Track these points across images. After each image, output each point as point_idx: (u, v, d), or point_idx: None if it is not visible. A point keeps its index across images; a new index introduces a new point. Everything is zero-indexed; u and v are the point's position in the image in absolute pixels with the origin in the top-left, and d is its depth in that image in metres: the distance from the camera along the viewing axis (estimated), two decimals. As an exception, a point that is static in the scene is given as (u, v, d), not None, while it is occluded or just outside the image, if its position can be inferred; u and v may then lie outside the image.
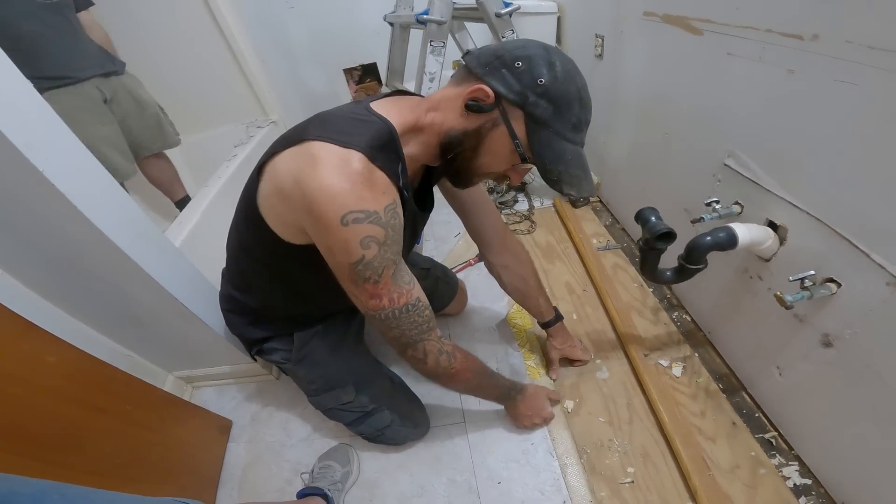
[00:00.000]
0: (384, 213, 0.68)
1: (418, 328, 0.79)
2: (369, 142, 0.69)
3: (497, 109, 0.71)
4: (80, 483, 0.88)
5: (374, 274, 0.71)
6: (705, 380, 1.17)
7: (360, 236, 0.67)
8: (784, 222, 0.88)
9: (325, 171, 0.65)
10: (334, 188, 0.64)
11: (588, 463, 1.06)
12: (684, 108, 1.19)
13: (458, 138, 0.74)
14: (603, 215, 1.88)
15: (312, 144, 0.68)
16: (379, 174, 0.69)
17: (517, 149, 0.72)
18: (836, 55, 0.71)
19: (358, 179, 0.65)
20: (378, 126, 0.72)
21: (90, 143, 1.66)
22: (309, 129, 0.70)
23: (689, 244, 0.90)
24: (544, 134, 0.71)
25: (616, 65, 1.57)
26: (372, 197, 0.67)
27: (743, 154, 0.98)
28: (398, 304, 0.75)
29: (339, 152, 0.66)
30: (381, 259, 0.70)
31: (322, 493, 1.05)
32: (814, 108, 0.78)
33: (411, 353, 0.82)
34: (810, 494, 0.94)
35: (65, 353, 0.96)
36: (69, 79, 1.63)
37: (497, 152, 0.75)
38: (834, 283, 0.80)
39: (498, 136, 0.72)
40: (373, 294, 0.73)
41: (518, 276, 1.17)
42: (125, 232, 0.95)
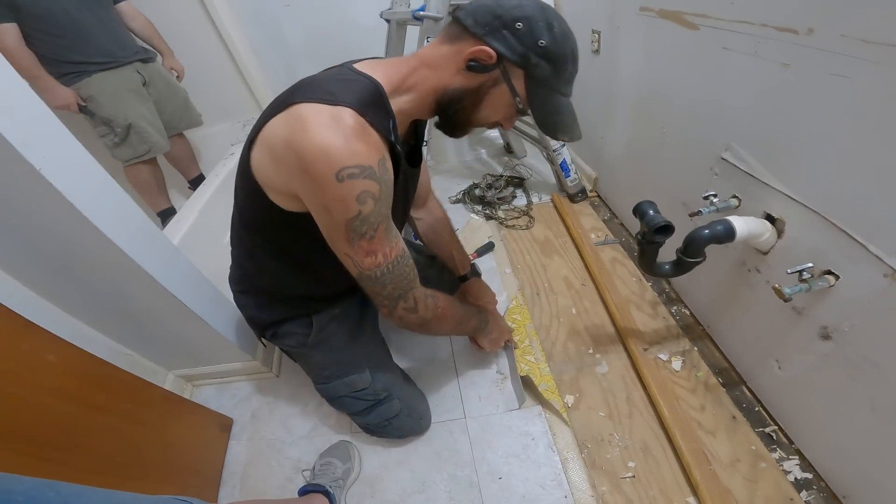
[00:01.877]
0: (378, 167, 0.69)
1: (406, 278, 0.82)
2: (358, 98, 0.69)
3: (498, 69, 0.73)
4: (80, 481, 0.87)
5: (371, 229, 0.72)
6: (705, 374, 1.17)
7: (357, 191, 0.67)
8: (781, 215, 0.89)
9: (316, 130, 0.64)
10: (327, 145, 0.64)
11: (589, 457, 1.07)
12: (681, 103, 1.19)
13: (457, 96, 0.77)
14: (601, 210, 1.88)
15: (300, 107, 0.67)
16: (370, 129, 0.69)
17: (517, 104, 0.77)
18: (830, 49, 0.71)
19: (351, 134, 0.65)
20: (365, 84, 0.72)
21: (134, 120, 1.84)
22: (295, 94, 0.70)
23: (687, 237, 0.90)
24: (543, 90, 0.75)
25: (612, 60, 1.57)
26: (366, 151, 0.67)
27: (740, 147, 0.98)
28: (391, 259, 0.77)
29: (329, 110, 0.66)
30: (376, 214, 0.71)
31: (324, 490, 1.05)
32: (809, 102, 0.78)
33: (403, 305, 0.84)
34: (811, 488, 0.94)
35: (64, 352, 0.95)
36: (113, 62, 1.81)
37: (496, 107, 0.78)
38: (832, 275, 0.80)
39: (498, 93, 0.76)
40: (368, 251, 0.74)
41: (430, 227, 1.25)
42: (123, 229, 0.94)
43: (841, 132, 0.74)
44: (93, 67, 1.75)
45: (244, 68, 2.33)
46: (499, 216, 1.92)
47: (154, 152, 1.95)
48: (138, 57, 1.92)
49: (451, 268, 1.31)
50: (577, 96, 0.82)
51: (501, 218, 1.91)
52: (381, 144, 0.71)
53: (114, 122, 1.80)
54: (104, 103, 1.79)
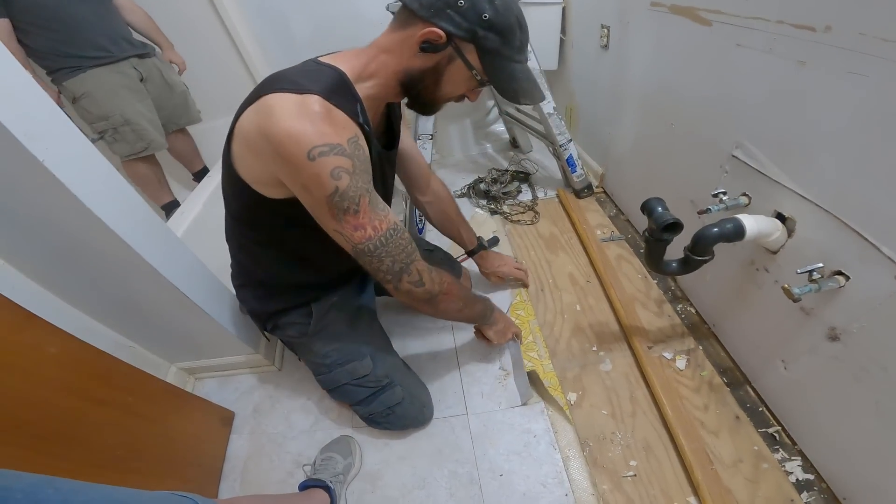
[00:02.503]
0: (347, 145, 0.73)
1: (405, 251, 0.84)
2: (323, 86, 0.73)
3: (450, 47, 0.77)
4: (81, 475, 0.88)
5: (353, 203, 0.75)
6: (709, 373, 1.16)
7: (329, 168, 0.70)
8: (792, 214, 0.87)
9: (285, 116, 0.69)
10: (296, 128, 0.68)
11: (590, 456, 1.06)
12: (691, 100, 1.18)
13: (417, 76, 0.81)
14: (607, 206, 1.86)
15: (269, 97, 0.71)
16: (337, 112, 0.73)
17: (475, 76, 0.81)
18: (848, 47, 0.70)
19: (317, 117, 0.70)
20: (330, 73, 0.77)
21: (131, 117, 1.79)
22: (264, 87, 0.74)
23: (696, 235, 0.88)
24: (497, 60, 0.79)
25: (622, 55, 1.55)
26: (333, 131, 0.71)
27: (751, 145, 0.96)
28: (382, 231, 0.80)
29: (296, 98, 0.70)
30: (354, 188, 0.74)
31: (324, 486, 1.05)
32: (825, 100, 0.77)
33: (407, 279, 0.86)
34: (812, 490, 0.93)
35: (65, 344, 0.95)
36: (108, 57, 1.77)
37: (456, 81, 0.82)
38: (842, 275, 0.78)
39: (455, 69, 0.80)
40: (356, 225, 0.77)
41: (440, 210, 1.31)
42: (126, 221, 0.94)
43: (856, 131, 0.72)
44: (87, 62, 1.71)
45: (250, 62, 2.31)
46: (504, 211, 1.91)
47: (151, 149, 1.91)
48: (135, 52, 1.87)
49: (460, 244, 1.39)
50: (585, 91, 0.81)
51: (506, 213, 1.90)
52: (351, 125, 0.76)
53: (110, 118, 1.77)
54: (99, 100, 1.75)
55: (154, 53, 1.98)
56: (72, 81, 1.71)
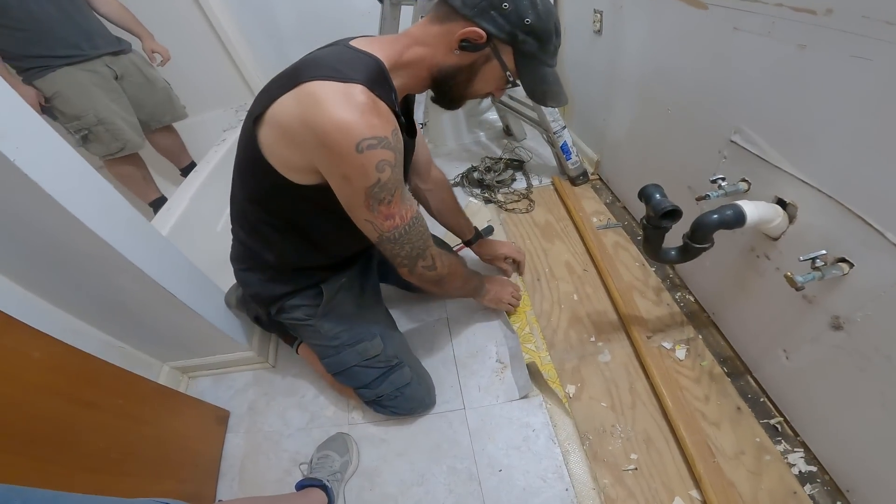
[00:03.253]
0: (392, 137, 0.74)
1: (422, 237, 0.89)
2: (366, 75, 0.73)
3: (489, 47, 0.78)
4: (74, 479, 0.89)
5: (388, 195, 0.78)
6: (709, 363, 1.14)
7: (376, 161, 0.72)
8: (794, 200, 0.84)
9: (333, 106, 0.68)
10: (346, 119, 0.68)
11: (590, 449, 1.05)
12: (687, 85, 1.15)
13: (451, 73, 0.82)
14: (603, 193, 1.83)
15: (311, 85, 0.70)
16: (381, 103, 0.74)
17: (508, 78, 0.83)
18: (851, 30, 0.67)
19: (366, 109, 0.70)
20: (368, 61, 0.77)
21: (105, 116, 1.74)
22: (301, 73, 0.73)
23: (695, 222, 0.86)
24: (531, 64, 0.81)
25: (615, 40, 1.51)
26: (380, 123, 0.72)
27: (750, 130, 0.93)
28: (407, 220, 0.83)
29: (341, 87, 0.70)
30: (393, 180, 0.77)
31: (321, 485, 1.03)
32: (826, 84, 0.74)
33: (422, 263, 0.91)
34: (815, 481, 0.92)
35: (49, 348, 0.93)
36: (79, 56, 1.70)
37: (488, 80, 0.85)
38: (846, 263, 0.76)
39: (490, 69, 0.82)
40: (387, 215, 0.80)
41: (440, 198, 1.30)
42: (106, 220, 0.92)
43: (860, 115, 0.69)
44: (57, 62, 1.64)
45: (235, 54, 2.27)
46: (498, 199, 1.88)
47: (128, 150, 1.85)
48: (108, 50, 1.79)
49: (457, 234, 1.39)
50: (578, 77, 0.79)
51: (501, 201, 1.86)
52: (391, 116, 0.76)
53: (82, 118, 1.71)
54: (71, 99, 1.69)
55: (130, 50, 1.90)
56: (41, 81, 1.64)
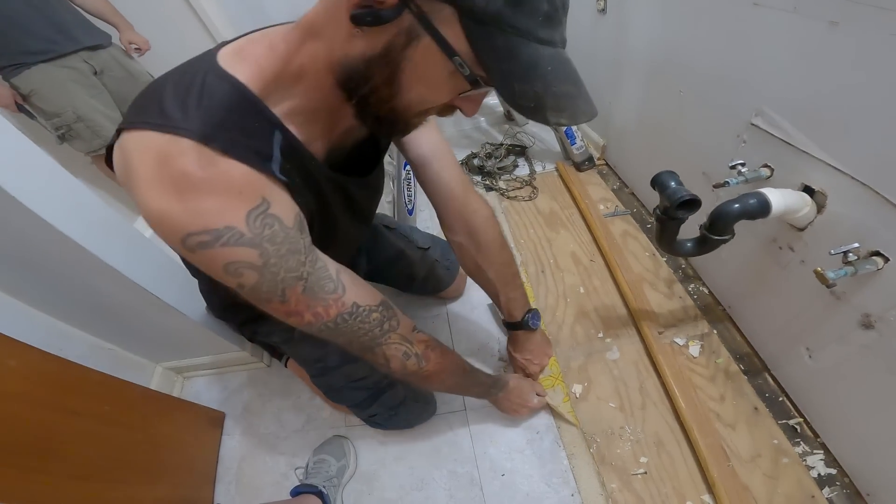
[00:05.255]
0: (247, 222, 0.47)
1: (369, 334, 0.64)
2: (204, 118, 0.46)
3: (407, 12, 0.44)
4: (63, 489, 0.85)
5: (273, 297, 0.53)
6: (725, 360, 1.08)
7: (220, 264, 0.48)
8: (822, 187, 0.77)
9: (142, 183, 0.44)
10: (156, 206, 0.44)
11: (598, 452, 0.99)
12: (702, 65, 1.07)
13: (357, 71, 0.49)
14: (610, 179, 1.75)
15: (126, 138, 0.46)
16: (226, 165, 0.46)
17: (460, 68, 0.46)
18: (890, 6, 0.60)
19: (186, 185, 0.44)
20: (220, 91, 0.48)
21: (84, 113, 1.67)
22: (133, 109, 0.49)
23: (714, 212, 0.78)
24: (498, 37, 0.44)
25: (621, 19, 1.43)
26: (216, 206, 0.46)
27: (773, 113, 0.85)
28: (328, 318, 0.58)
29: (157, 145, 0.44)
30: (270, 284, 0.51)
31: (316, 491, 1.00)
32: (862, 64, 0.67)
33: (369, 357, 0.68)
34: (834, 485, 0.87)
35: (27, 356, 0.88)
36: (53, 52, 1.63)
37: (428, 78, 0.49)
38: (880, 257, 0.69)
39: (422, 55, 0.46)
40: (287, 312, 0.55)
41: (472, 257, 0.93)
42: (78, 221, 0.86)
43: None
44: (31, 58, 1.58)
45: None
46: (500, 187, 1.80)
47: None
48: (85, 45, 1.71)
49: (498, 308, 1.05)
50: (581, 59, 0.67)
51: (502, 189, 1.79)
52: (255, 182, 0.49)
53: (62, 115, 1.65)
54: (48, 96, 1.63)
55: (110, 43, 1.83)
56: (17, 79, 1.58)
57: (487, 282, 0.97)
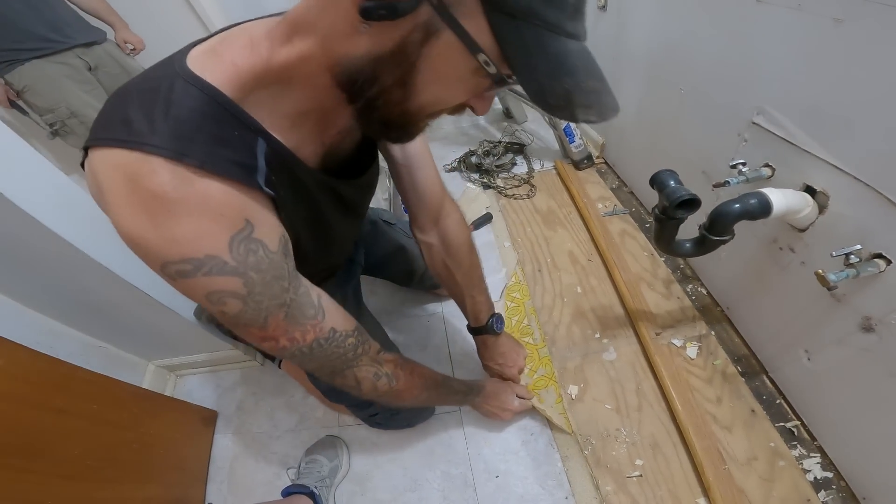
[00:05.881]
0: (230, 249, 0.44)
1: (341, 358, 0.61)
2: (175, 131, 0.41)
3: (426, 4, 0.40)
4: (51, 488, 0.83)
5: (254, 323, 0.50)
6: (722, 362, 1.06)
7: (202, 293, 0.45)
8: (825, 188, 0.76)
9: (113, 205, 0.41)
10: (130, 232, 0.41)
11: (593, 455, 0.98)
12: (703, 63, 1.05)
13: (362, 71, 0.44)
14: (609, 177, 1.73)
15: (93, 157, 0.42)
16: (204, 184, 0.42)
17: (485, 66, 0.42)
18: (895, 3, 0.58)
19: (159, 209, 0.40)
20: (189, 98, 0.43)
21: (78, 109, 1.66)
22: (98, 123, 0.44)
23: (714, 212, 0.77)
24: (528, 31, 0.40)
25: (622, 16, 1.41)
26: (195, 233, 0.42)
27: (775, 111, 0.84)
28: (304, 343, 0.55)
29: (125, 164, 0.40)
30: (252, 312, 0.48)
31: (308, 492, 0.98)
32: (867, 62, 0.65)
33: (339, 381, 0.65)
34: (830, 488, 0.86)
35: (12, 354, 0.86)
36: (47, 48, 1.62)
37: (447, 77, 0.45)
38: (883, 259, 0.68)
39: (441, 52, 0.42)
40: (263, 337, 0.52)
41: (441, 260, 0.91)
42: (67, 218, 0.85)
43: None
44: (25, 55, 1.57)
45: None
46: (497, 185, 1.78)
47: None
48: (80, 41, 1.70)
49: (463, 312, 1.02)
50: None
51: (500, 187, 1.77)
52: (237, 200, 0.45)
53: (55, 111, 1.65)
54: (41, 92, 1.62)
55: (105, 39, 1.81)
56: (11, 75, 1.57)
57: (455, 284, 0.95)
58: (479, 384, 0.99)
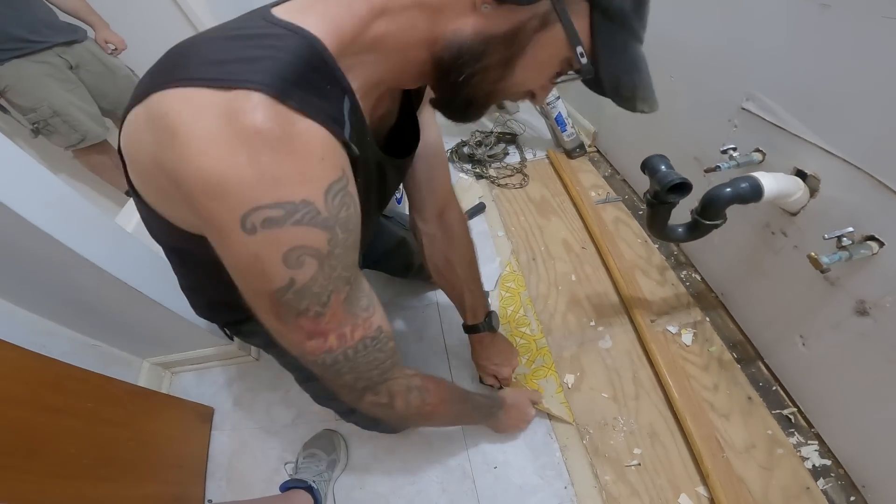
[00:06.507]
0: (325, 198, 0.40)
1: (380, 367, 0.55)
2: (277, 70, 0.39)
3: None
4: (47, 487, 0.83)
5: (315, 304, 0.44)
6: (718, 348, 1.07)
7: (282, 249, 0.40)
8: (815, 171, 0.76)
9: (196, 141, 0.36)
10: (217, 170, 0.36)
11: (591, 444, 0.98)
12: (692, 49, 1.05)
13: (475, 49, 0.47)
14: (601, 166, 1.73)
15: (165, 97, 0.38)
16: (305, 125, 0.40)
17: (579, 58, 0.48)
18: None
19: (261, 145, 0.37)
20: (290, 42, 0.42)
21: (60, 108, 1.64)
22: (168, 69, 0.41)
23: (706, 196, 0.76)
24: (619, 34, 0.48)
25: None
26: (296, 174, 0.39)
27: (765, 97, 0.84)
28: (351, 342, 0.49)
29: (219, 101, 0.37)
30: (324, 281, 0.43)
31: (306, 486, 0.98)
32: (854, 47, 0.66)
33: (371, 398, 0.58)
34: (829, 476, 0.86)
35: (4, 354, 0.86)
36: (26, 48, 1.60)
37: (542, 63, 0.50)
38: (875, 241, 0.68)
39: (547, 41, 0.47)
40: (312, 332, 0.47)
41: (442, 252, 0.90)
42: (54, 216, 0.83)
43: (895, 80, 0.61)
44: (4, 55, 1.55)
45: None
46: (490, 175, 1.78)
47: (89, 140, 1.77)
48: (59, 40, 1.68)
49: (460, 310, 1.01)
50: None
51: (493, 176, 1.77)
52: (335, 148, 0.43)
53: (37, 111, 1.63)
54: (23, 92, 1.61)
55: (85, 38, 1.79)
56: None
57: (455, 278, 0.94)
58: (499, 397, 0.97)
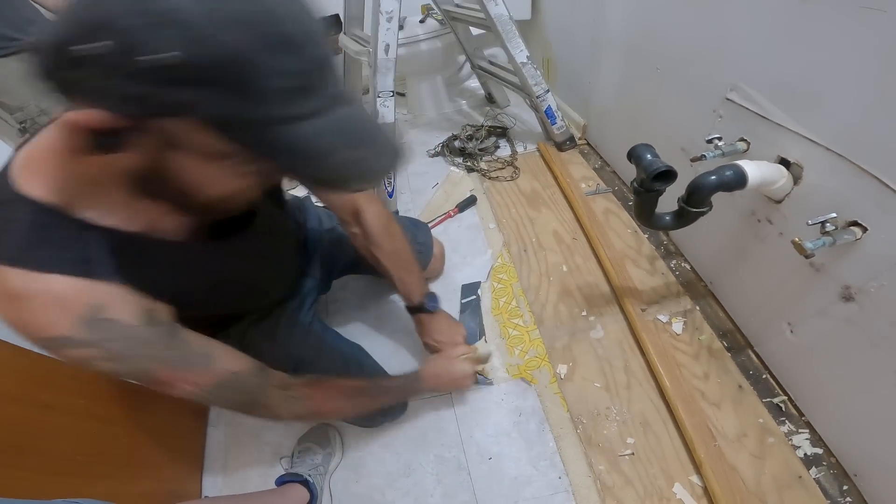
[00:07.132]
0: (78, 330, 0.48)
1: (249, 395, 0.66)
2: (13, 242, 0.47)
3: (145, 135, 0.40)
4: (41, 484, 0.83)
5: (142, 377, 0.55)
6: (708, 337, 1.08)
7: (71, 359, 0.50)
8: (798, 159, 0.76)
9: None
10: (8, 323, 0.47)
11: (584, 434, 0.99)
12: (677, 42, 1.06)
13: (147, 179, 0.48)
14: (591, 158, 1.74)
15: None
16: (45, 280, 0.47)
17: (244, 167, 0.45)
18: None
19: (15, 304, 0.47)
20: (20, 211, 0.47)
21: (47, 106, 1.62)
22: None
23: (692, 184, 0.77)
24: (251, 132, 0.38)
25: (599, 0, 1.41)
26: (45, 319, 0.47)
27: (748, 87, 0.85)
28: (205, 386, 0.59)
29: None
30: (129, 368, 0.54)
31: (302, 480, 0.99)
32: (833, 38, 0.66)
33: (256, 413, 0.69)
34: (821, 465, 0.87)
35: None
36: (10, 46, 1.59)
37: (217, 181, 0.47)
38: (859, 227, 0.68)
39: (190, 164, 0.44)
40: (159, 382, 0.56)
41: (365, 248, 0.98)
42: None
43: (874, 69, 0.61)
44: None
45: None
46: (481, 168, 1.78)
47: None
48: None
49: (399, 293, 1.06)
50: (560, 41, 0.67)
51: (484, 169, 1.77)
52: (84, 288, 0.49)
53: (24, 109, 1.63)
54: (10, 91, 1.61)
55: None
56: None
57: (383, 268, 1.00)
58: (415, 371, 1.00)
